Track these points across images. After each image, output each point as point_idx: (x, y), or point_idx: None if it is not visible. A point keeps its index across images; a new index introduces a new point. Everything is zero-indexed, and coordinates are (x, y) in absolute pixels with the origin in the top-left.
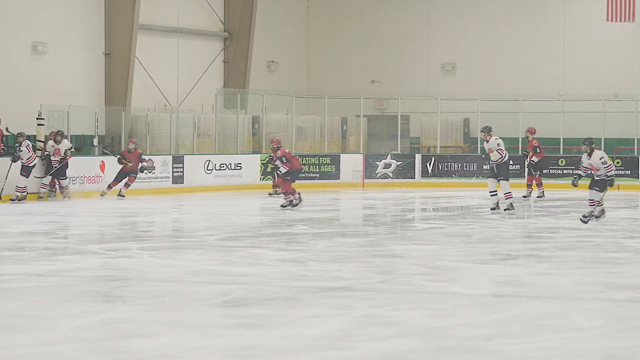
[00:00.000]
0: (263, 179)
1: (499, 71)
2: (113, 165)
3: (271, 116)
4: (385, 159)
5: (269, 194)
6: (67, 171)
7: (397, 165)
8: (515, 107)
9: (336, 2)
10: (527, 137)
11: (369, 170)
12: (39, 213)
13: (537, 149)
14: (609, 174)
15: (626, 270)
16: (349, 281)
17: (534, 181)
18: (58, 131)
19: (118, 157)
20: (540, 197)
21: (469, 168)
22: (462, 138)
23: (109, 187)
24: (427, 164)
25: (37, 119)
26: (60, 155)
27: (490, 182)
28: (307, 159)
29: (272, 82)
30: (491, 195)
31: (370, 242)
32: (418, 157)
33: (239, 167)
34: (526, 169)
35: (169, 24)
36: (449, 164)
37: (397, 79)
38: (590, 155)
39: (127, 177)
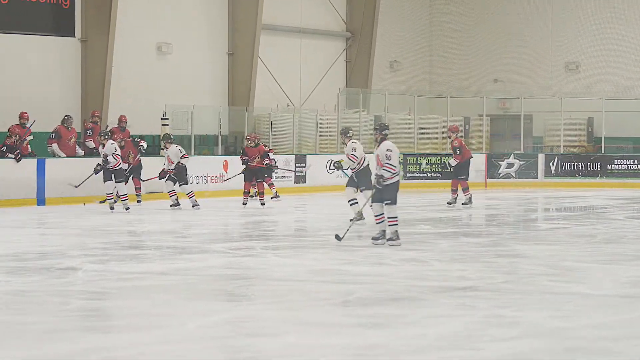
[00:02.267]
0: None
1: (625, 69)
2: (237, 165)
3: (393, 116)
4: (508, 158)
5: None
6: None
7: (520, 165)
8: None
9: (460, 3)
10: (450, 137)
11: (492, 170)
12: (163, 212)
13: (457, 150)
14: (382, 172)
15: None
16: (473, 281)
17: (459, 186)
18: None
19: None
20: (466, 204)
21: (593, 168)
22: (585, 137)
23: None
24: (550, 164)
25: (161, 118)
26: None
27: (348, 191)
28: (429, 158)
29: (394, 81)
30: (350, 205)
31: (493, 242)
32: (541, 157)
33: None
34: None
35: (291, 24)
36: (573, 163)
37: (520, 78)
38: (379, 144)
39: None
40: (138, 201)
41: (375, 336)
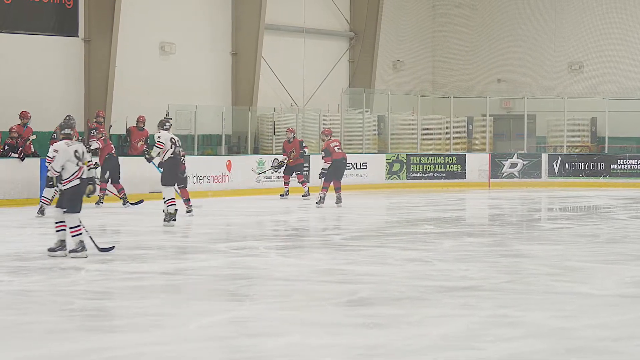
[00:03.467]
0: (388, 178)
1: (628, 69)
2: (240, 164)
3: (396, 115)
4: (512, 158)
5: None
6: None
7: (524, 165)
8: None
9: (462, 3)
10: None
11: (495, 170)
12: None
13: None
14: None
15: None
16: (476, 281)
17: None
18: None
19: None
20: (338, 203)
21: (597, 168)
22: (589, 137)
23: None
24: (554, 164)
25: (164, 118)
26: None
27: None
28: (432, 158)
29: (397, 81)
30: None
31: (496, 241)
32: (544, 157)
33: (365, 167)
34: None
35: (295, 24)
36: (576, 163)
37: (524, 78)
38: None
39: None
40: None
41: (378, 336)
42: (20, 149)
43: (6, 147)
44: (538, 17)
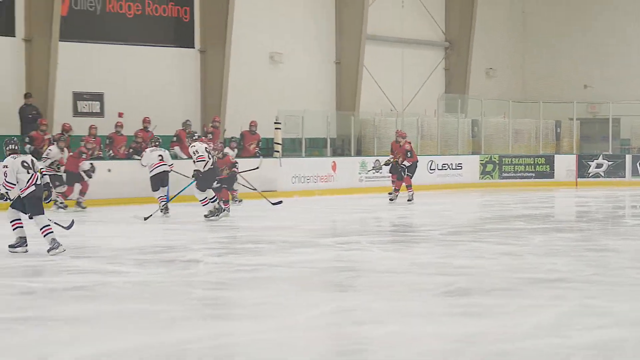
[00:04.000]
0: (482, 177)
1: None
2: (344, 165)
3: (489, 119)
4: (597, 159)
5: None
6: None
7: (609, 165)
8: None
9: (551, 12)
10: (399, 142)
11: (582, 170)
12: (275, 210)
13: (409, 153)
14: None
15: None
16: (564, 273)
17: (403, 184)
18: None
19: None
20: (410, 200)
21: None
22: None
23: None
24: (638, 164)
25: (274, 123)
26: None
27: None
28: (522, 159)
29: (490, 87)
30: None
31: (583, 237)
32: (628, 158)
33: (460, 167)
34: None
35: (394, 34)
36: None
37: (609, 83)
38: None
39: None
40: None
41: (474, 325)
42: (143, 152)
43: (131, 150)
44: (624, 25)
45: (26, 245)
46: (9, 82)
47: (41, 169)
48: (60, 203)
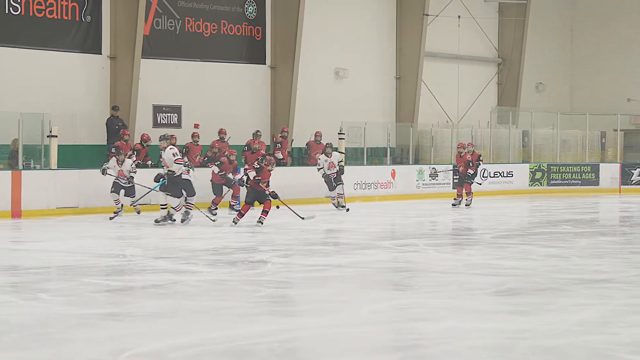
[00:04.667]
0: (531, 185)
1: None
2: (403, 173)
3: (538, 130)
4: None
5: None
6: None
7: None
8: None
9: (597, 29)
10: (460, 152)
11: (625, 178)
12: (337, 213)
13: (470, 163)
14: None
15: None
16: (609, 274)
17: (463, 190)
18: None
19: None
20: (468, 204)
21: None
22: None
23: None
24: None
25: (338, 134)
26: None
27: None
28: (569, 167)
29: (539, 100)
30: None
31: (627, 240)
32: None
33: (511, 175)
34: (456, 180)
35: (450, 51)
36: None
37: None
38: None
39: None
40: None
41: (523, 322)
42: (219, 162)
43: (206, 158)
44: None
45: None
46: (95, 96)
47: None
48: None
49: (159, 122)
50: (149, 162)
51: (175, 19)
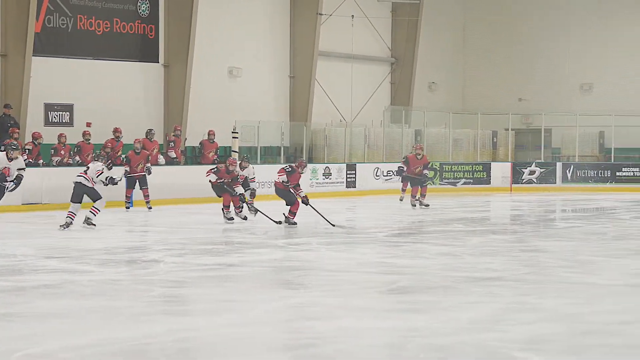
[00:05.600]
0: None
1: (631, 89)
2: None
3: (431, 130)
4: (530, 166)
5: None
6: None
7: (541, 172)
8: None
9: (488, 31)
10: (419, 154)
11: (516, 177)
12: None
13: (429, 165)
14: None
15: None
16: (499, 272)
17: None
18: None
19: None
20: (428, 205)
21: (604, 175)
22: (597, 148)
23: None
24: (567, 171)
25: (232, 132)
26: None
27: None
28: (461, 166)
29: (432, 100)
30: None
31: (517, 238)
32: (559, 165)
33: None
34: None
35: (344, 51)
36: (586, 171)
37: (541, 97)
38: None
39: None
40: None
41: (416, 320)
42: (110, 161)
43: (97, 158)
44: (554, 46)
45: None
46: None
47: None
48: None
49: (50, 120)
50: (41, 161)
51: (67, 16)
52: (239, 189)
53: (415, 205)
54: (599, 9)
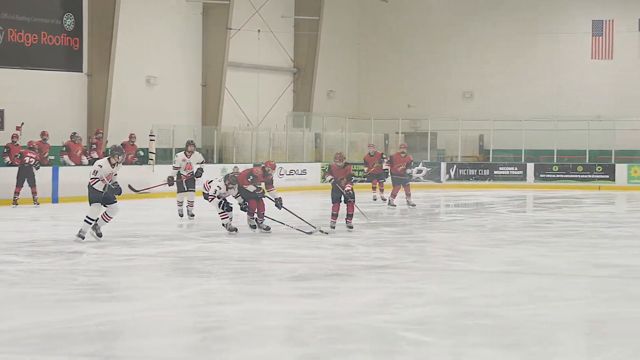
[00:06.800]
0: (323, 182)
1: (507, 97)
2: (208, 172)
3: (329, 133)
4: (418, 166)
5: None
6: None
7: (427, 171)
8: (519, 125)
9: (380, 45)
10: (402, 153)
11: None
12: (149, 208)
13: (412, 164)
14: None
15: (606, 253)
16: (389, 261)
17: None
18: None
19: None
20: (414, 205)
21: (483, 173)
22: (477, 150)
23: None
24: (450, 170)
25: (149, 135)
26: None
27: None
28: (358, 166)
29: (330, 106)
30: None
31: (406, 230)
32: (443, 165)
33: (304, 173)
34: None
35: (251, 61)
36: (467, 170)
37: (428, 103)
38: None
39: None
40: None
41: (313, 304)
42: (38, 162)
43: (19, 154)
44: (440, 57)
45: None
46: None
47: None
48: None
49: None
50: None
51: None
52: (273, 194)
53: (376, 199)
54: (479, 23)
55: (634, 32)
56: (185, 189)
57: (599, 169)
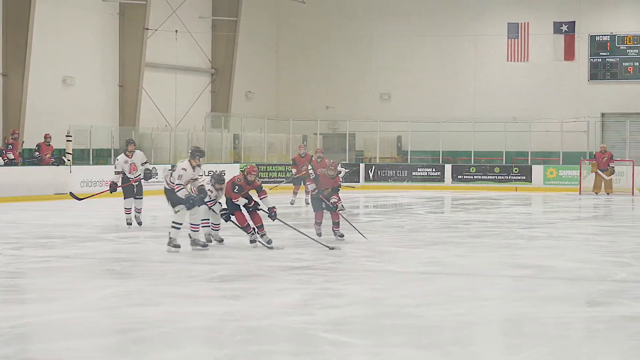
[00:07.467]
0: None
1: (424, 99)
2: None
3: (248, 134)
4: (337, 167)
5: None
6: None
7: (346, 172)
8: (436, 127)
9: (298, 47)
10: (320, 157)
11: None
12: (65, 209)
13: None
14: None
15: (522, 253)
16: (309, 262)
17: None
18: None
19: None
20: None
21: (401, 174)
22: (395, 151)
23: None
24: (369, 171)
25: (66, 136)
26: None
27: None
28: (275, 167)
29: (249, 107)
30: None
31: (324, 231)
32: (362, 166)
33: (223, 173)
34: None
35: (169, 62)
36: (386, 171)
37: (346, 105)
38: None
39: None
40: None
41: (233, 305)
42: None
43: None
44: (358, 59)
45: None
46: None
47: None
48: None
49: None
50: None
51: None
52: (267, 202)
53: (293, 203)
54: (396, 26)
55: (549, 34)
56: (134, 195)
57: (516, 170)
